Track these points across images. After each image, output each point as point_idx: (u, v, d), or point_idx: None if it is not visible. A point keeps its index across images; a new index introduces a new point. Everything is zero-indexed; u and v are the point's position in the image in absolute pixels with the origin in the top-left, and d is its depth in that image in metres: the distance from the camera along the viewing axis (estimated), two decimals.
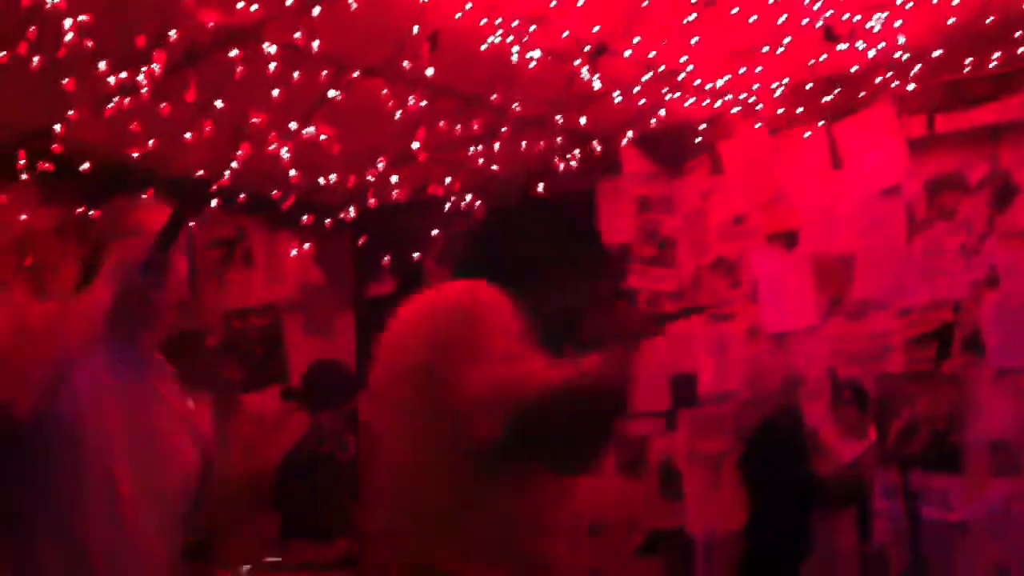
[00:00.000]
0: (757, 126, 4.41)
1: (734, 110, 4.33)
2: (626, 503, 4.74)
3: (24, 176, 4.32)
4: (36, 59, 3.37)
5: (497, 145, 4.40)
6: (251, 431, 5.40)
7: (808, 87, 4.19)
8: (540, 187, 4.81)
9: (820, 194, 4.33)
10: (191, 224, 2.05)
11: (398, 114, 4.13)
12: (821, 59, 3.89)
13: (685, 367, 4.64)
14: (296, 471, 4.56)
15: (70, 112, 3.84)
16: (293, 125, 4.15)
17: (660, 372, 4.70)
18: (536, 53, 3.65)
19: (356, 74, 3.86)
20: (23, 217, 4.64)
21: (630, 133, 4.57)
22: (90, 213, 4.73)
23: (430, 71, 3.65)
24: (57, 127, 3.95)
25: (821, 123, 4.29)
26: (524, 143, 4.47)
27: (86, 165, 4.42)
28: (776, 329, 4.38)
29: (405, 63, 3.67)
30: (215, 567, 4.31)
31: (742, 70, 3.99)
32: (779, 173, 4.43)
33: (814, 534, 4.08)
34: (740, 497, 4.25)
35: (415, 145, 4.42)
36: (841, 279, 4.25)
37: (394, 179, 4.81)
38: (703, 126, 4.52)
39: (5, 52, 3.36)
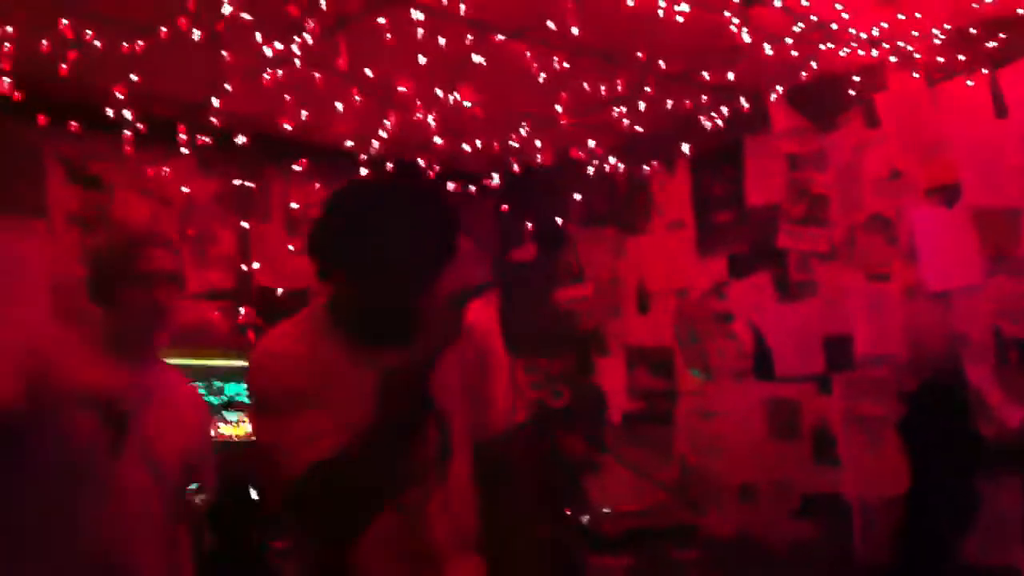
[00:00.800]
0: (915, 76, 4.23)
1: (891, 59, 4.16)
2: (778, 467, 4.65)
3: (184, 149, 4.48)
4: (196, 33, 3.48)
5: (642, 105, 4.34)
6: None
7: (971, 32, 3.99)
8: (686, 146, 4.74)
9: (983, 145, 4.13)
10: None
11: (542, 77, 4.12)
12: (985, 1, 3.69)
13: (839, 329, 4.51)
14: None
15: (227, 85, 3.95)
16: (439, 92, 4.19)
17: (813, 334, 4.58)
18: (684, 7, 3.57)
19: (500, 37, 3.86)
20: (184, 189, 4.83)
21: (780, 87, 4.45)
22: (247, 184, 4.91)
23: (575, 30, 3.62)
24: (215, 101, 4.07)
25: (984, 71, 4.08)
26: (669, 102, 4.39)
27: (242, 138, 4.55)
28: (937, 288, 4.21)
29: (549, 23, 3.65)
30: None
31: (900, 16, 3.82)
32: (938, 124, 4.24)
33: (979, 499, 3.92)
34: (901, 462, 4.12)
35: (558, 108, 4.41)
36: (1006, 234, 4.05)
37: (537, 143, 4.81)
38: (857, 77, 4.36)
39: (166, 27, 3.48)
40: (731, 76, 4.23)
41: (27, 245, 4.47)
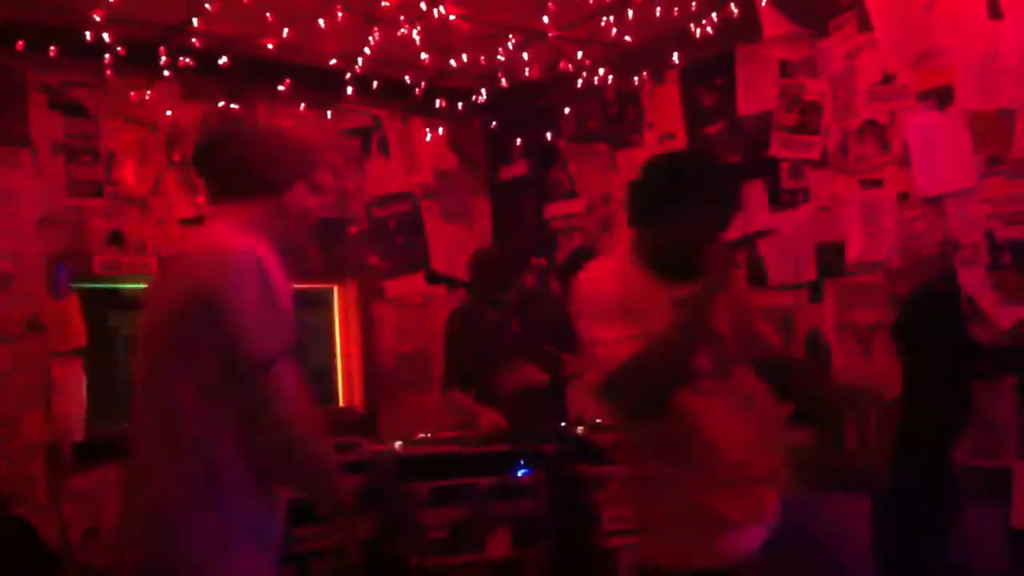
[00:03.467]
0: None
1: None
2: None
3: (166, 72, 4.42)
4: None
5: (631, 14, 4.26)
6: (398, 315, 5.55)
7: None
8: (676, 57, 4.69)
9: (977, 48, 4.06)
10: None
11: None
12: None
13: (831, 236, 4.50)
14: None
15: (207, 5, 3.87)
16: (423, 6, 4.11)
17: (805, 241, 4.58)
18: None
19: None
20: (168, 113, 4.76)
21: None
22: (232, 107, 4.85)
23: None
24: (195, 21, 3.99)
25: None
26: (658, 10, 4.31)
27: (224, 60, 4.48)
28: (930, 192, 4.18)
29: None
30: (371, 441, 4.49)
31: None
32: (931, 27, 4.17)
33: (972, 403, 3.95)
34: (893, 368, 4.15)
35: (545, 20, 4.33)
36: (1000, 136, 4.00)
37: (525, 57, 4.74)
38: None
39: None
40: None
41: (12, 175, 4.43)
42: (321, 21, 4.09)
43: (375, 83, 4.93)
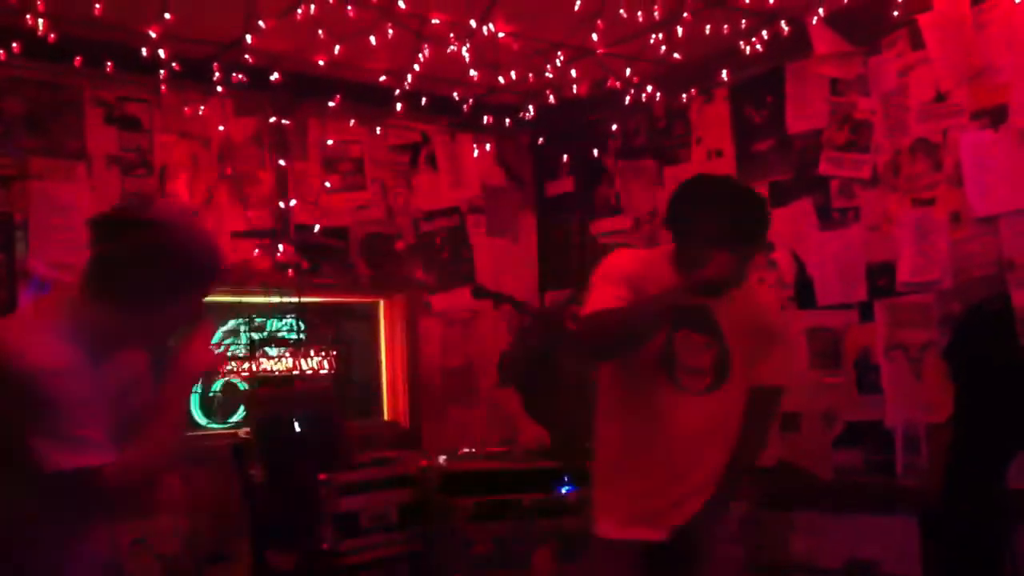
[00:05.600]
0: None
1: None
2: (820, 396, 4.64)
3: (219, 88, 4.48)
4: None
5: (680, 31, 4.25)
6: (444, 329, 5.57)
7: None
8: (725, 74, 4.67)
9: None
10: None
11: (577, 4, 4.05)
12: None
13: (882, 255, 4.45)
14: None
15: (261, 22, 3.92)
16: (472, 23, 4.13)
17: (855, 261, 4.53)
18: None
19: None
20: (220, 128, 4.83)
21: (821, 10, 4.34)
22: (283, 122, 4.91)
23: None
24: (249, 38, 4.04)
25: None
26: (708, 28, 4.30)
27: (275, 76, 4.53)
28: (983, 212, 4.13)
29: None
30: (416, 456, 4.51)
31: None
32: (984, 45, 4.12)
33: None
34: (943, 389, 4.10)
35: (594, 37, 4.34)
36: None
37: (573, 74, 4.74)
38: None
39: None
40: (771, 0, 4.13)
41: (69, 188, 4.51)
42: (372, 38, 4.13)
43: (424, 99, 4.96)
